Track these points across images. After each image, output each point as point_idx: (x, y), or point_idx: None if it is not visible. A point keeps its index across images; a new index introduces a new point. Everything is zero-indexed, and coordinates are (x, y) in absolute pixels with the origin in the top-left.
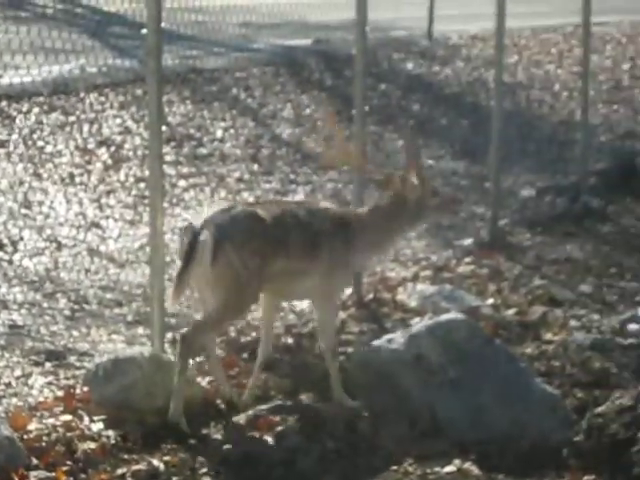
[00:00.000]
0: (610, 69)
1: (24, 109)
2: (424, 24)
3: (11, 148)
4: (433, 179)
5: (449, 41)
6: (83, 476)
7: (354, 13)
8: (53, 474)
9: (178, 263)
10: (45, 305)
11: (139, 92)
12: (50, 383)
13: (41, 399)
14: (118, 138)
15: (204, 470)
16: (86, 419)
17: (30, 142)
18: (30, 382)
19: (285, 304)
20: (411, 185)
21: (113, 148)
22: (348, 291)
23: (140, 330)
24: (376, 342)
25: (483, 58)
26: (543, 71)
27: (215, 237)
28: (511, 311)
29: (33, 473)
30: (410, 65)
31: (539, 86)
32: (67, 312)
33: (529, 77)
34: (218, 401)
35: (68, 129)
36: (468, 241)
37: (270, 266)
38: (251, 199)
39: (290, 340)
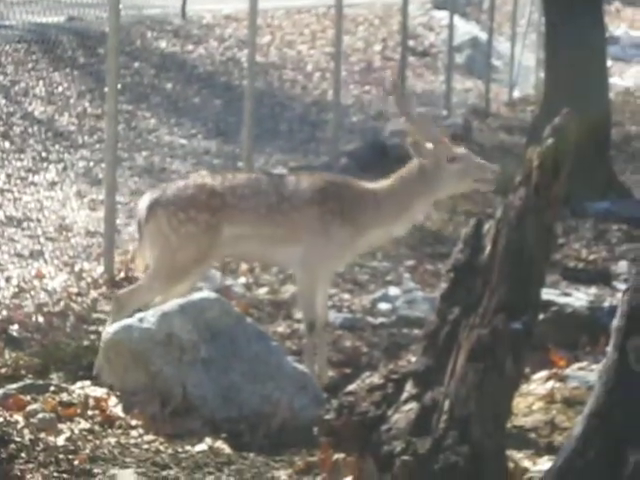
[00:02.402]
0: (362, 50)
1: None
2: (178, 3)
3: None
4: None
5: (203, 20)
6: None
7: None
8: None
9: None
10: None
11: None
12: None
13: None
14: None
15: None
16: None
17: None
18: None
19: (35, 283)
20: (425, 150)
21: None
22: (100, 269)
23: None
24: (127, 321)
25: (236, 38)
26: (296, 51)
27: (150, 202)
28: (263, 290)
29: None
30: (163, 44)
31: (292, 66)
32: None
33: (282, 57)
34: None
35: None
36: None
37: (225, 233)
38: None
39: (41, 319)
